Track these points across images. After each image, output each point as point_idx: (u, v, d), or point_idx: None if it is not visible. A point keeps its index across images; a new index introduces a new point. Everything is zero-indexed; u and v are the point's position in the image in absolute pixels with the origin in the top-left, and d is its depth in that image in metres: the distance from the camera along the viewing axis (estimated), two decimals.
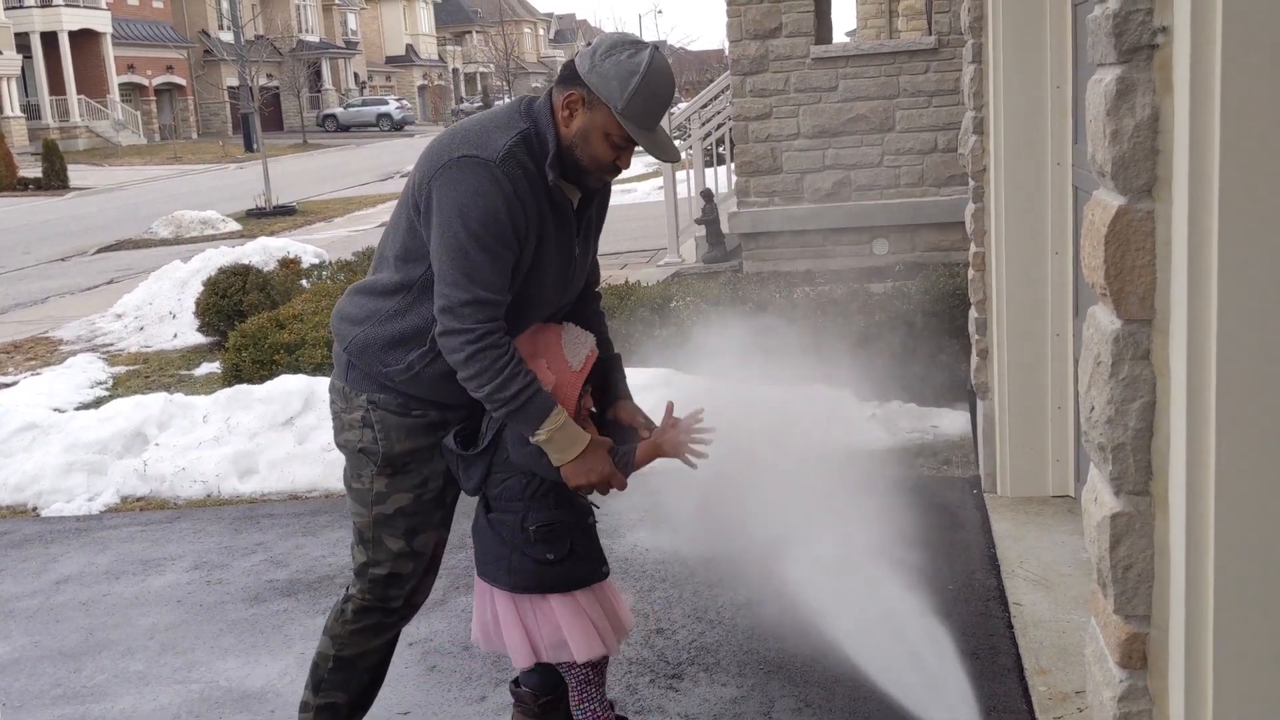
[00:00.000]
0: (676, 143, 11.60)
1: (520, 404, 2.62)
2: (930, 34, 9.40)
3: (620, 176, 2.89)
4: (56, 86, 46.10)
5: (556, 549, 2.76)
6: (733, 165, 9.96)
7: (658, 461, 5.09)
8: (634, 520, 4.88)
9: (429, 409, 2.79)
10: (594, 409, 2.93)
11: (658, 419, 2.91)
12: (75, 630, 4.30)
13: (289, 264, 10.07)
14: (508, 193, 2.56)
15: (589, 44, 2.68)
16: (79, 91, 46.73)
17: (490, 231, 2.55)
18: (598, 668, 2.91)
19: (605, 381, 2.94)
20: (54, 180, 30.97)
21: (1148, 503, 1.80)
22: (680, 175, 10.99)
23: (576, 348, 2.79)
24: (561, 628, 2.80)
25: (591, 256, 2.94)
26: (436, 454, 2.84)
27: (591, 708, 2.91)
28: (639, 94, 2.55)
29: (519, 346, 2.70)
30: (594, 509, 2.93)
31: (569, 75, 2.63)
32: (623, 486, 2.82)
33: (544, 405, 2.65)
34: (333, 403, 2.90)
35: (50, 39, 45.81)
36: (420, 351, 2.71)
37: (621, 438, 2.87)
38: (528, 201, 2.59)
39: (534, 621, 2.82)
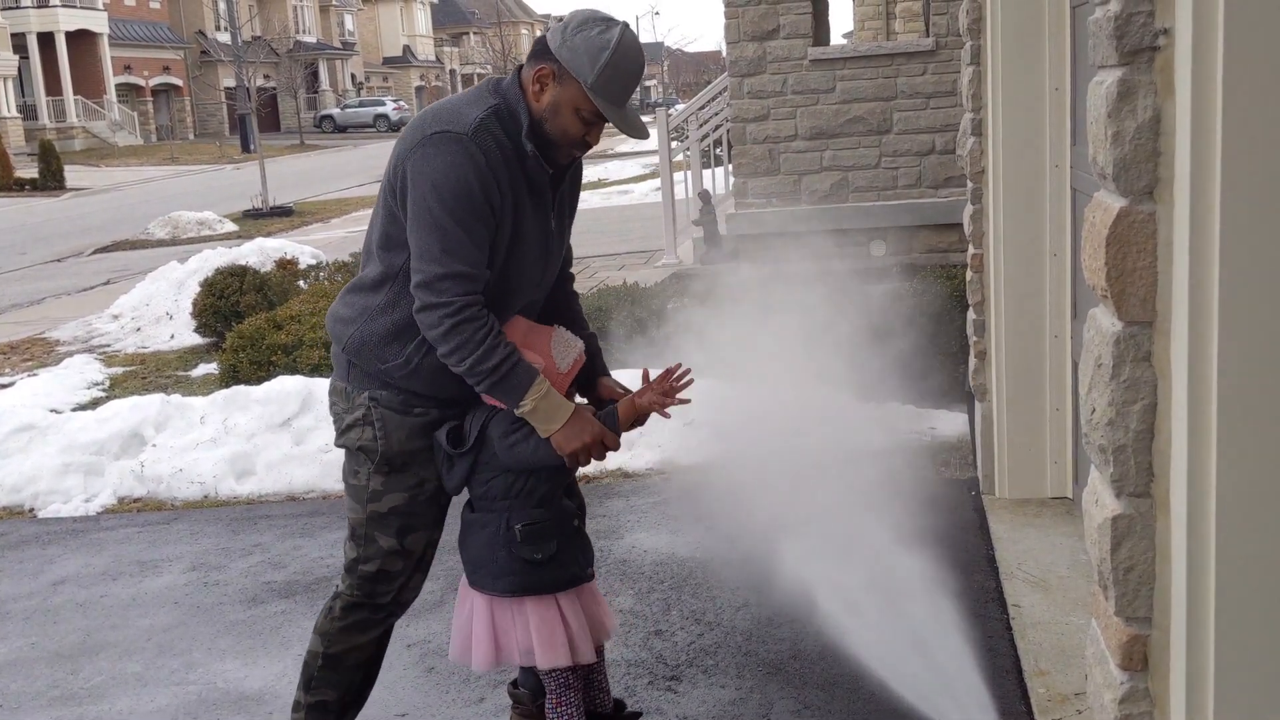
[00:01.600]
0: (674, 144, 11.54)
1: (503, 374, 2.62)
2: (928, 36, 9.40)
3: (618, 177, 2.90)
4: (53, 87, 46.05)
5: (543, 548, 2.76)
6: (730, 166, 9.96)
7: (655, 462, 5.09)
8: (632, 521, 4.88)
9: (430, 407, 2.80)
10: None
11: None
12: (72, 631, 4.30)
13: (286, 265, 10.06)
14: (480, 164, 2.57)
15: (560, 20, 2.70)
16: (75, 92, 46.69)
17: (464, 204, 2.56)
18: (578, 672, 2.90)
19: (586, 359, 2.93)
20: (50, 181, 30.92)
21: (1149, 505, 1.80)
22: (678, 176, 11.00)
23: (565, 350, 2.80)
24: (532, 633, 2.79)
25: (567, 237, 2.95)
26: (435, 454, 2.84)
27: (568, 711, 2.90)
28: (608, 69, 2.57)
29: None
30: (579, 511, 2.93)
31: (540, 50, 2.66)
32: (616, 445, 2.81)
33: (527, 375, 2.65)
34: (333, 404, 2.90)
35: (47, 39, 45.76)
36: (416, 343, 2.72)
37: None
38: (500, 173, 2.61)
39: (509, 624, 2.82)
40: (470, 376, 2.65)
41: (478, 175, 2.56)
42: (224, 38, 48.56)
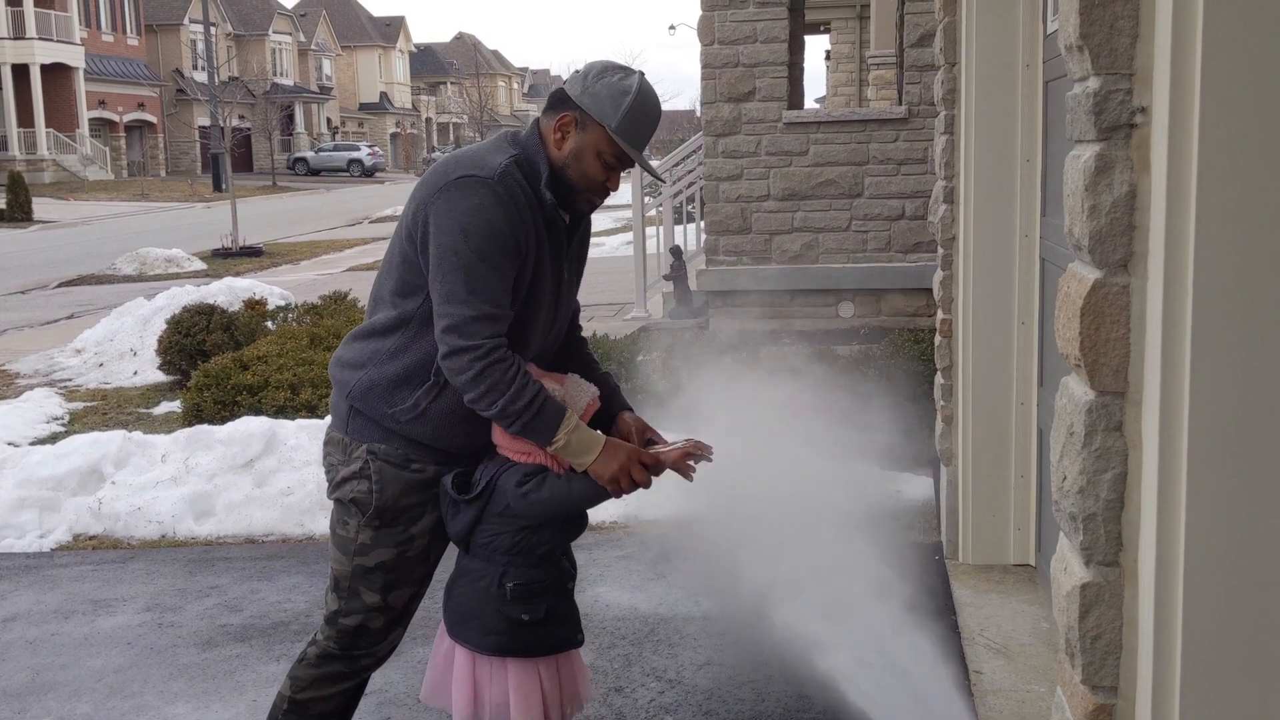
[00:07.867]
0: (646, 199, 11.65)
1: (534, 413, 2.60)
2: (900, 104, 9.55)
3: (590, 230, 2.94)
4: (25, 119, 45.79)
5: (532, 610, 2.71)
6: (702, 224, 10.04)
7: (619, 515, 5.01)
8: (594, 575, 4.85)
9: (428, 462, 2.77)
10: None
11: None
12: (21, 670, 4.21)
13: (254, 305, 10.00)
14: (507, 206, 2.60)
15: (577, 71, 2.75)
16: (48, 125, 46.43)
17: (493, 244, 2.58)
18: None
19: (604, 400, 2.92)
20: (18, 212, 30.67)
21: (1117, 574, 1.81)
22: (650, 231, 11.07)
23: (578, 396, 2.78)
24: (510, 693, 2.75)
25: (575, 290, 2.96)
26: (427, 511, 2.80)
27: None
28: (631, 112, 2.63)
29: None
30: (573, 573, 2.89)
31: (559, 99, 2.71)
32: (655, 460, 2.73)
33: (557, 412, 2.64)
34: (328, 455, 2.85)
35: (21, 71, 45.57)
36: (426, 387, 2.70)
37: None
38: (525, 217, 2.63)
39: (486, 679, 2.78)
40: (502, 419, 2.62)
41: (505, 216, 2.59)
42: (200, 77, 48.61)
